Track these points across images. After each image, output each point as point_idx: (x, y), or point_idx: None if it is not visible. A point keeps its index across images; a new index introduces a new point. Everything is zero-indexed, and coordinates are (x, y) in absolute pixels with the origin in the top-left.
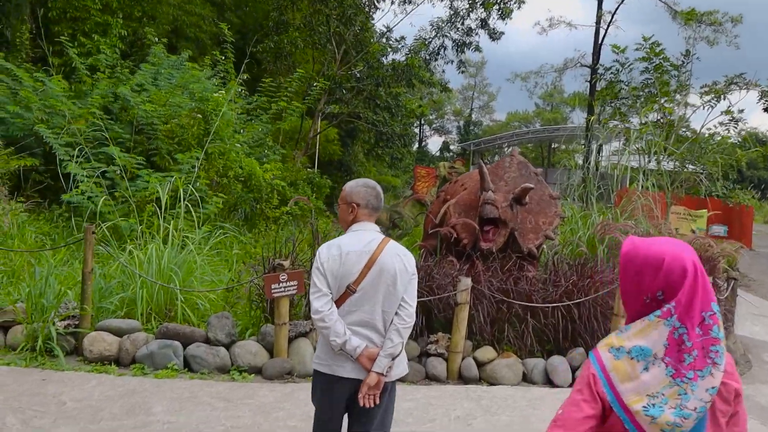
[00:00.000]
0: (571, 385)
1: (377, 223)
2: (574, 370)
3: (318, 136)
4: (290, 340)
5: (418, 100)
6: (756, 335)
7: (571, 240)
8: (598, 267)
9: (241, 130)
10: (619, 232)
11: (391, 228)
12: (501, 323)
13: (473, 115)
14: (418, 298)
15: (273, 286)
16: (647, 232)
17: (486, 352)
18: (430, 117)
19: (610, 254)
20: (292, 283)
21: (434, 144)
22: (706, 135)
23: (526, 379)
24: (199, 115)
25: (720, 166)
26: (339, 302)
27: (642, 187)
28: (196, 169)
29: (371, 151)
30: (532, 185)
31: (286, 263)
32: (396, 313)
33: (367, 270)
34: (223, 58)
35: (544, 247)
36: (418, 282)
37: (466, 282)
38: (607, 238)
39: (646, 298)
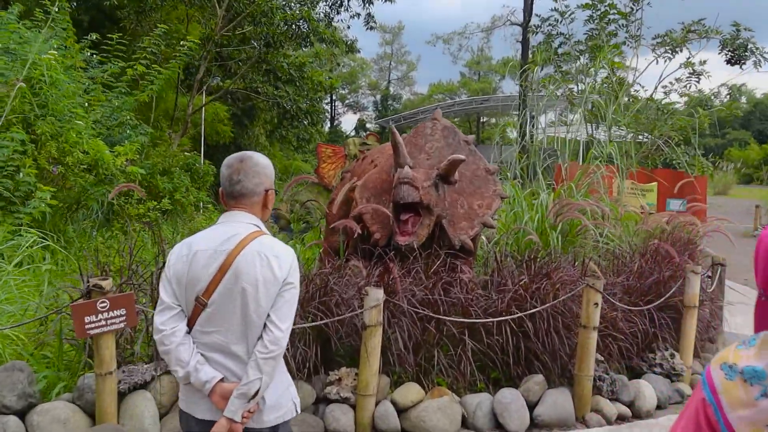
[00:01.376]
0: (530, 431)
1: (279, 217)
2: (532, 406)
3: (203, 115)
4: (122, 396)
5: (327, 71)
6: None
7: (516, 227)
8: (554, 261)
9: (86, 104)
10: (578, 213)
11: (295, 222)
12: (428, 348)
13: (391, 88)
14: (311, 320)
15: (87, 319)
16: (609, 211)
17: (409, 391)
18: (342, 91)
19: (566, 243)
20: (117, 312)
21: (349, 122)
22: (662, 94)
23: (467, 424)
24: (22, 84)
25: (679, 129)
26: (192, 319)
27: (590, 160)
28: (22, 156)
29: (274, 132)
30: (462, 156)
31: (107, 284)
32: (259, 337)
33: (219, 276)
34: (56, 10)
35: (483, 238)
36: (311, 298)
37: (377, 295)
38: (561, 223)
39: None
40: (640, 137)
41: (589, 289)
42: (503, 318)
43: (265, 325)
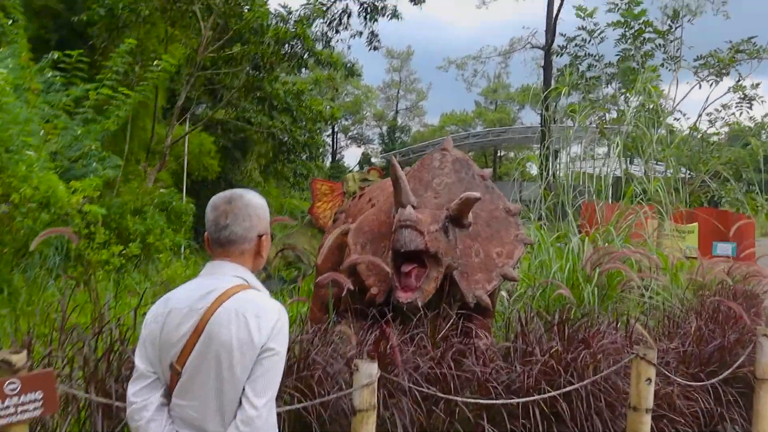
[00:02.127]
0: None
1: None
2: None
3: (186, 147)
4: None
5: (328, 100)
6: None
7: (543, 281)
8: (593, 323)
9: (41, 132)
10: (620, 263)
11: (284, 269)
12: None
13: (399, 119)
14: (286, 402)
15: None
16: (658, 261)
17: None
18: (345, 122)
19: (604, 298)
20: (31, 395)
21: (352, 156)
22: (707, 123)
23: None
24: None
25: (728, 162)
26: (170, 389)
27: (630, 199)
28: None
29: (269, 167)
30: (478, 194)
31: (19, 358)
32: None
33: (193, 339)
34: (9, 22)
35: (503, 293)
36: (288, 372)
37: (370, 369)
38: (596, 275)
39: None
40: (682, 173)
41: (641, 361)
42: (531, 398)
43: (240, 400)
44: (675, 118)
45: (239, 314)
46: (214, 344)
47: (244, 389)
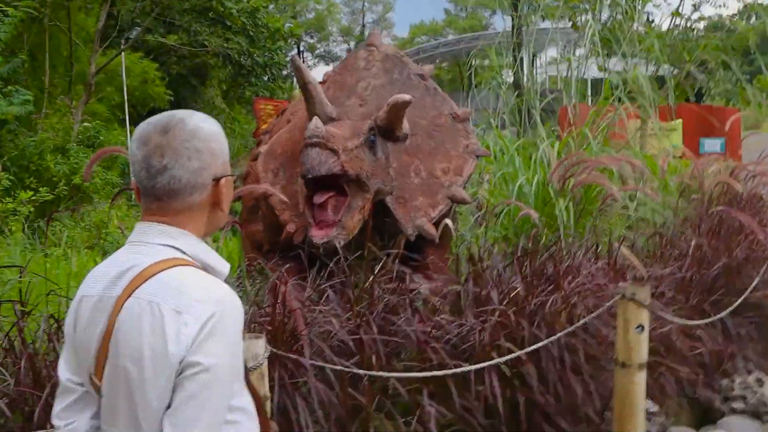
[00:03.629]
0: None
1: None
2: None
3: (124, 75)
4: None
5: (287, 18)
6: None
7: (504, 201)
8: (566, 253)
9: None
10: (596, 173)
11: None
12: (363, 422)
13: (366, 33)
14: None
15: None
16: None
17: None
18: (311, 40)
19: (582, 215)
20: None
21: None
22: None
23: None
24: None
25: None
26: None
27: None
28: None
29: (230, 93)
30: (408, 96)
31: None
32: None
33: (105, 343)
34: None
35: (448, 221)
36: None
37: (254, 348)
38: (569, 188)
39: None
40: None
41: (628, 303)
42: (486, 363)
43: None
44: (655, 5)
45: (154, 308)
46: (122, 354)
47: (164, 424)
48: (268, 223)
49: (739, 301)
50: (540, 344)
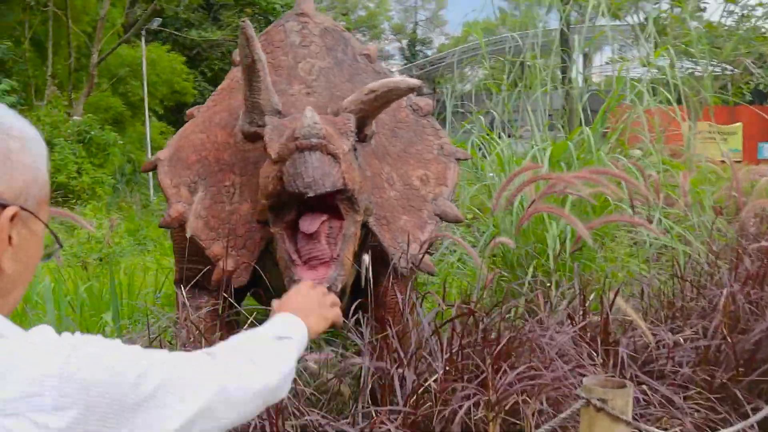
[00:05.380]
0: None
1: None
2: None
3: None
4: None
5: (336, 14)
6: None
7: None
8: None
9: None
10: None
11: None
12: None
13: (419, 32)
14: None
15: None
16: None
17: None
18: (363, 37)
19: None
20: None
21: None
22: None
23: None
24: None
25: None
26: None
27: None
28: None
29: None
30: (416, 81)
31: None
32: None
33: None
34: None
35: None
36: None
37: None
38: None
39: None
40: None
41: (596, 414)
42: None
43: None
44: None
45: None
46: None
47: None
48: (186, 255)
49: None
50: None
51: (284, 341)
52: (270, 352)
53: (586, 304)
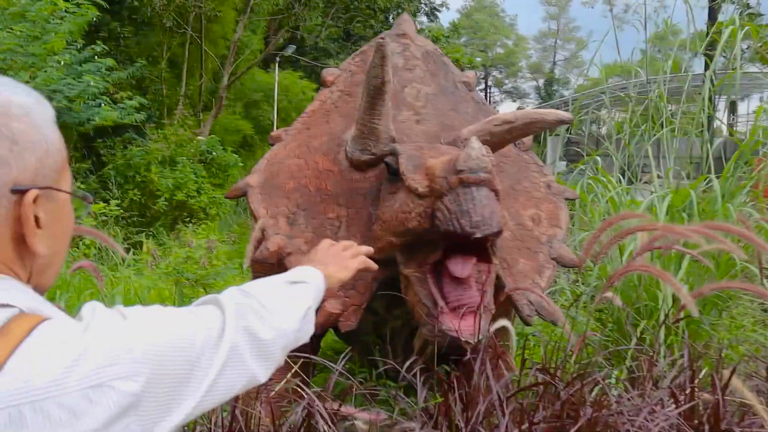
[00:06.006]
0: None
1: None
2: None
3: (276, 93)
4: None
5: (475, 50)
6: None
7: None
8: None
9: None
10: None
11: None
12: None
13: (557, 71)
14: None
15: None
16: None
17: None
18: (498, 75)
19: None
20: None
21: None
22: None
23: None
24: None
25: None
26: None
27: None
28: None
29: None
30: (568, 115)
31: None
32: None
33: None
34: None
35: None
36: None
37: None
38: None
39: None
40: None
41: None
42: None
43: None
44: None
45: (23, 415)
46: None
47: None
48: None
49: None
50: None
51: (298, 285)
52: (281, 296)
53: (696, 381)
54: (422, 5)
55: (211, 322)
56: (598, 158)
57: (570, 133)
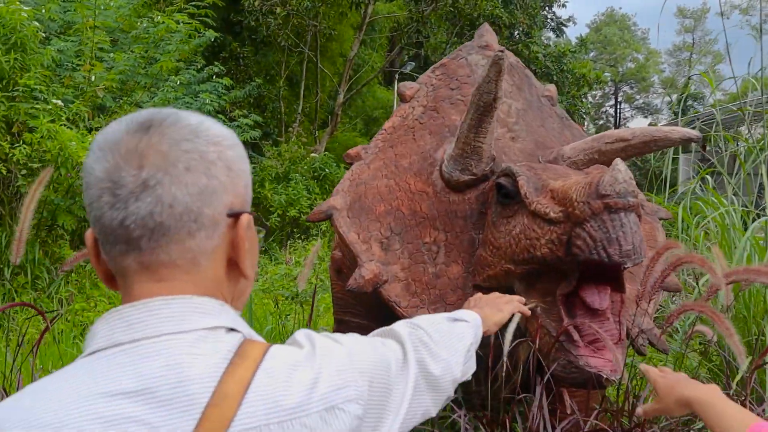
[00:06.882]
0: None
1: None
2: None
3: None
4: None
5: (604, 65)
6: None
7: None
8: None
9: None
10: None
11: None
12: None
13: (692, 86)
14: None
15: None
16: None
17: None
18: (629, 91)
19: None
20: None
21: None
22: None
23: None
24: None
25: None
26: None
27: None
28: None
29: None
30: (696, 132)
31: None
32: None
33: None
34: None
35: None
36: None
37: None
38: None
39: None
40: None
41: None
42: None
43: None
44: None
45: None
46: None
47: None
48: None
49: None
50: None
51: (459, 323)
52: (445, 332)
53: None
54: (549, 21)
55: (398, 352)
56: (708, 177)
57: (705, 150)
